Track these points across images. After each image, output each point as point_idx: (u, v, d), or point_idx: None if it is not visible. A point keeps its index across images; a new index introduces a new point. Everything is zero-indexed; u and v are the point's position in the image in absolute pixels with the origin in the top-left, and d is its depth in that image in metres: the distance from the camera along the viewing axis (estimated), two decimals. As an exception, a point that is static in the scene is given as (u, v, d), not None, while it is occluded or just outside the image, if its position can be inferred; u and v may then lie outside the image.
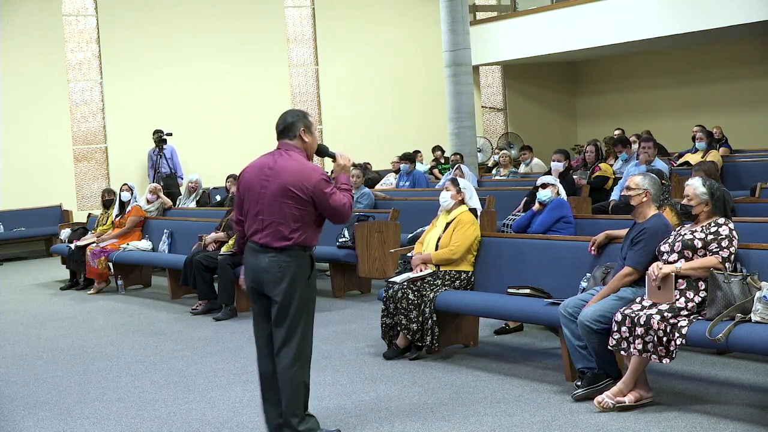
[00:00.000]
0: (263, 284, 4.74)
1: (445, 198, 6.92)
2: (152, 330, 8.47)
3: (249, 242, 4.80)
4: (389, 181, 14.48)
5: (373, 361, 6.64)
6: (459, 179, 7.06)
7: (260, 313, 4.85)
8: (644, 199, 5.52)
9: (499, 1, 21.20)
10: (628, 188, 5.57)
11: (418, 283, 6.58)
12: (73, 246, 11.27)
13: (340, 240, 9.40)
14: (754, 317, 4.78)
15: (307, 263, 4.76)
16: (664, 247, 5.28)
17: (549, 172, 9.94)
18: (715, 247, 5.10)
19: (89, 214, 13.11)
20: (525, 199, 8.68)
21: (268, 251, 4.70)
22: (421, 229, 8.35)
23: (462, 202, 6.91)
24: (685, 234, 5.25)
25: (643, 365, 5.10)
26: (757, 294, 4.81)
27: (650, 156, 9.60)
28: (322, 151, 4.93)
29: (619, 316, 5.11)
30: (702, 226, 5.23)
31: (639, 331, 5.00)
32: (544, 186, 7.70)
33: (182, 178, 15.27)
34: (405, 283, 6.58)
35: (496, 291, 6.47)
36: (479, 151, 17.85)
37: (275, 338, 4.76)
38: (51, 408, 5.92)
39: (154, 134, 15.43)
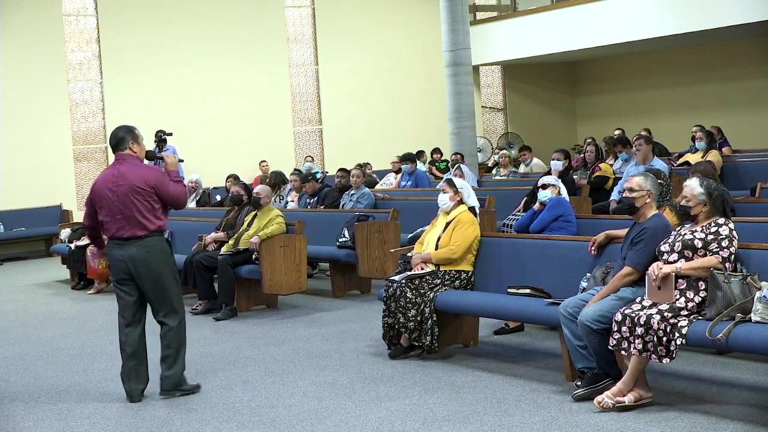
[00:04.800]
0: (136, 269, 5.76)
1: (444, 200, 6.90)
2: (152, 330, 8.43)
3: (112, 240, 5.83)
4: (389, 181, 14.47)
5: (374, 361, 6.63)
6: (455, 179, 7.05)
7: (129, 297, 5.85)
8: (648, 200, 5.52)
9: (499, 1, 21.20)
10: (631, 190, 5.53)
11: (417, 282, 6.57)
12: (73, 246, 11.28)
13: (340, 240, 9.38)
14: (754, 317, 4.78)
15: (165, 244, 5.89)
16: (664, 247, 5.27)
17: (549, 172, 9.92)
18: (715, 247, 5.10)
19: (89, 214, 13.10)
20: (525, 199, 8.67)
21: (133, 241, 5.75)
22: (421, 229, 8.35)
23: (461, 201, 6.91)
24: (685, 234, 5.24)
25: (643, 365, 5.09)
26: (757, 294, 4.80)
27: (645, 153, 9.30)
28: (151, 156, 6.13)
29: (619, 316, 5.11)
30: (702, 226, 5.22)
31: (639, 331, 4.99)
32: (544, 186, 7.70)
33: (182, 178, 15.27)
34: (403, 281, 6.57)
35: (496, 291, 6.46)
36: (479, 151, 17.86)
37: (156, 308, 5.86)
38: (51, 408, 5.92)
39: (155, 135, 15.41)
